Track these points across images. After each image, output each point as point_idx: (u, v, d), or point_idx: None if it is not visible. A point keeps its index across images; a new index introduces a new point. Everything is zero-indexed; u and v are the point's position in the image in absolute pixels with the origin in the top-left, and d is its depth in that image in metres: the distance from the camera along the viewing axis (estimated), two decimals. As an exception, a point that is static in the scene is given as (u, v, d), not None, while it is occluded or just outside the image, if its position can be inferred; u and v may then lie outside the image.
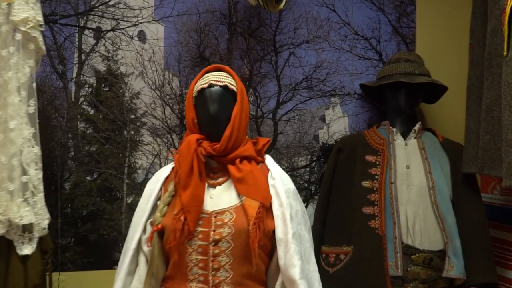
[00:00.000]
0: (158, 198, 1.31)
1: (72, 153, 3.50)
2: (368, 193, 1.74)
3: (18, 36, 1.58)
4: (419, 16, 2.26)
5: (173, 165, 1.31)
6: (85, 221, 2.33)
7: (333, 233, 1.79)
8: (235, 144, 1.27)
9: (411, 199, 1.66)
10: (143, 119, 3.82)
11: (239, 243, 1.19)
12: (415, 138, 1.75)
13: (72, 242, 2.14)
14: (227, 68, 1.34)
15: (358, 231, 1.70)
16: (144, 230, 1.29)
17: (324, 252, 1.77)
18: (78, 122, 5.96)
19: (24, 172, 1.54)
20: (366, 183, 1.74)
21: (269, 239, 1.23)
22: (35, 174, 1.65)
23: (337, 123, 2.58)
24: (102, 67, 4.33)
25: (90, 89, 4.49)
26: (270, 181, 1.29)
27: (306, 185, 2.66)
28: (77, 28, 4.89)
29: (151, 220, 1.28)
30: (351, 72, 2.52)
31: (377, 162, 1.81)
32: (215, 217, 1.23)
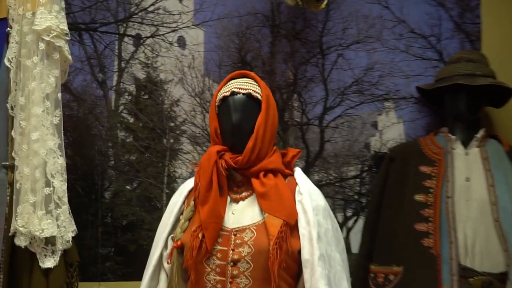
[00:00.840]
0: (181, 212, 1.32)
1: (112, 162, 3.74)
2: (422, 208, 1.69)
3: (42, 45, 1.62)
4: (485, 11, 2.16)
5: None
6: (125, 231, 2.46)
7: (382, 251, 1.75)
8: (259, 156, 1.24)
9: (470, 216, 1.59)
10: (182, 127, 3.99)
11: (259, 265, 1.15)
12: (477, 146, 1.72)
13: (112, 252, 2.26)
14: (252, 74, 1.33)
15: (409, 250, 1.65)
16: (166, 246, 1.30)
17: (372, 271, 1.74)
18: (118, 131, 6.24)
19: (48, 184, 1.60)
20: (419, 197, 1.70)
21: (294, 260, 1.19)
22: (60, 186, 1.72)
23: (391, 130, 2.53)
24: (141, 75, 4.59)
25: (129, 97, 4.75)
26: (297, 197, 1.25)
27: (356, 197, 2.63)
28: (117, 36, 5.20)
29: (172, 235, 1.29)
30: (407, 74, 2.48)
31: (433, 174, 1.75)
32: (235, 235, 1.21)
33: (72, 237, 1.66)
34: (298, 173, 1.33)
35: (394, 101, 2.79)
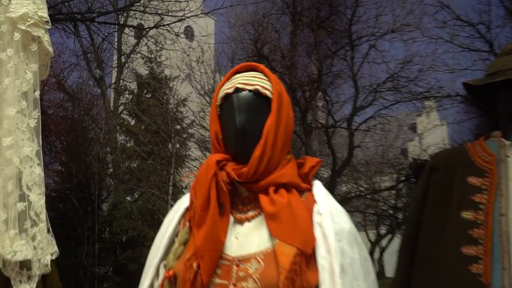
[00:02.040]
0: (176, 233, 1.18)
1: (111, 170, 3.74)
2: (470, 228, 1.59)
3: (17, 35, 1.49)
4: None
5: None
6: (125, 247, 2.42)
7: (422, 278, 1.66)
8: (269, 167, 1.12)
9: (528, 238, 1.48)
10: (190, 130, 3.99)
11: None
12: (537, 154, 1.59)
13: (110, 272, 2.22)
14: (261, 66, 1.19)
15: (455, 278, 1.54)
16: (158, 274, 1.18)
17: (411, 302, 1.68)
18: (118, 134, 6.26)
19: (23, 198, 1.45)
20: (467, 214, 1.60)
21: None
22: (37, 200, 1.53)
23: (433, 134, 2.41)
24: (144, 70, 4.62)
25: (130, 96, 4.75)
26: (316, 218, 1.11)
27: (391, 212, 2.53)
28: (116, 27, 5.18)
29: (165, 262, 1.18)
30: (451, 67, 2.36)
31: (483, 187, 1.64)
32: (237, 265, 1.08)
33: (55, 260, 1.54)
34: (318, 188, 1.18)
35: (436, 99, 2.67)
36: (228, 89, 1.13)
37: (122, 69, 10.73)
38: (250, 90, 1.12)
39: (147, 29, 9.47)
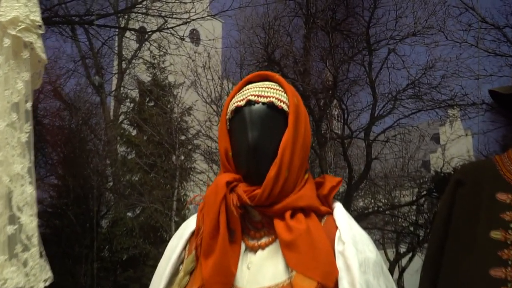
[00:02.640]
0: (181, 261, 1.16)
1: (111, 183, 3.76)
2: (499, 249, 1.57)
3: (7, 41, 1.46)
4: None
5: None
6: (126, 267, 2.44)
7: None
8: (285, 188, 1.09)
9: (561, 259, 1.48)
10: (195, 141, 4.02)
11: None
12: None
13: None
14: (277, 76, 1.17)
15: None
16: None
17: (434, 328, 1.66)
18: (118, 146, 6.28)
19: (13, 220, 1.42)
20: (496, 234, 1.59)
21: None
22: (29, 222, 1.49)
23: (457, 145, 2.43)
24: (146, 77, 4.69)
25: (131, 105, 4.77)
26: (338, 246, 1.09)
27: (411, 228, 2.53)
28: (117, 30, 5.21)
29: None
30: (477, 73, 2.39)
31: None
32: None
33: (49, 285, 1.56)
34: (339, 211, 1.15)
35: (460, 108, 2.70)
36: (239, 101, 1.11)
37: (122, 75, 10.84)
38: (264, 103, 1.10)
39: (149, 33, 9.50)
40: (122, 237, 9.18)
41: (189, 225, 1.16)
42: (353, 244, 1.06)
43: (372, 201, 8.82)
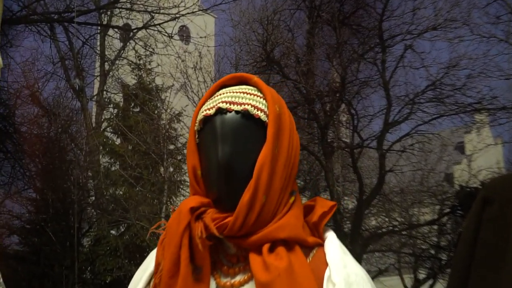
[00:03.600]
0: None
1: (93, 198, 3.59)
2: None
3: None
4: None
5: None
6: None
7: None
8: (263, 216, 1.04)
9: None
10: (185, 151, 3.85)
11: None
12: None
13: None
14: (255, 79, 1.12)
15: None
16: None
17: None
18: (101, 156, 6.03)
19: None
20: None
21: None
22: None
23: (485, 155, 2.27)
24: (131, 79, 4.52)
25: (115, 110, 4.57)
26: None
27: (432, 251, 2.34)
28: (98, 28, 5.04)
29: None
30: (507, 73, 2.22)
31: None
32: None
33: None
34: (331, 243, 1.08)
35: (489, 112, 2.50)
36: (208, 109, 1.05)
37: (105, 78, 10.82)
38: (237, 111, 1.04)
39: (134, 30, 9.57)
40: (106, 257, 9.12)
41: (153, 258, 1.11)
42: (346, 286, 1.00)
43: (387, 219, 8.64)
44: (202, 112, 1.06)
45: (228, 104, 1.04)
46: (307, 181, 8.41)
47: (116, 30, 10.22)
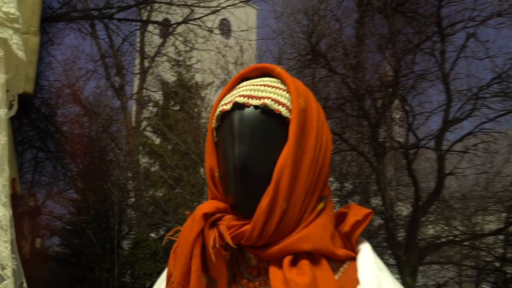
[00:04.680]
0: None
1: (133, 199, 3.38)
2: None
3: None
4: None
5: None
6: None
7: None
8: (284, 224, 0.98)
9: None
10: None
11: None
12: None
13: None
14: (278, 69, 1.06)
15: None
16: None
17: None
18: (140, 156, 5.80)
19: None
20: None
21: None
22: (3, 249, 1.48)
23: None
24: (170, 76, 4.32)
25: (155, 109, 4.35)
26: None
27: (497, 264, 2.10)
28: (138, 24, 4.86)
29: None
30: None
31: None
32: None
33: None
34: (365, 257, 1.02)
35: None
36: (225, 104, 1.05)
37: (145, 75, 10.85)
38: (256, 106, 1.01)
39: (174, 25, 9.69)
40: (145, 261, 9.12)
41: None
42: None
43: (446, 228, 8.11)
44: (219, 107, 1.05)
45: (245, 98, 1.01)
46: (357, 185, 8.14)
47: (155, 25, 10.35)
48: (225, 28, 12.10)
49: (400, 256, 6.19)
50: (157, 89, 11.68)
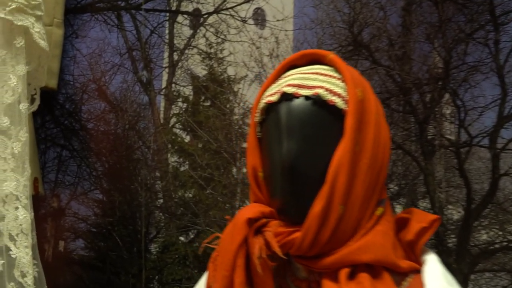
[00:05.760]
0: None
1: (161, 201, 3.38)
2: None
3: None
4: None
5: None
6: None
7: None
8: (340, 232, 0.94)
9: None
10: None
11: None
12: None
13: None
14: (331, 56, 1.00)
15: None
16: None
17: None
18: (169, 155, 5.83)
19: (1, 253, 1.41)
20: None
21: None
22: (24, 255, 1.45)
23: None
24: (201, 70, 4.27)
25: (184, 105, 4.36)
26: None
27: None
28: (167, 15, 4.84)
29: None
30: None
31: None
32: None
33: None
34: (431, 268, 0.98)
35: None
36: (271, 95, 0.99)
37: (174, 69, 11.05)
38: (307, 97, 0.96)
39: (205, 16, 9.83)
40: (174, 266, 9.27)
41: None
42: None
43: (501, 233, 8.06)
44: (264, 98, 1.00)
45: (295, 88, 0.96)
46: (402, 186, 8.11)
47: (185, 16, 10.52)
48: (259, 18, 12.08)
49: (450, 264, 6.02)
50: (187, 83, 11.93)
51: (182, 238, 10.22)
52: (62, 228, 11.43)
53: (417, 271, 0.95)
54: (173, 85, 11.45)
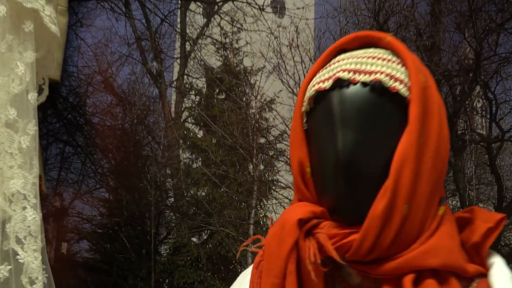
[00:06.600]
0: None
1: (172, 199, 3.49)
2: None
3: (2, 9, 1.43)
4: None
5: None
6: None
7: None
8: (404, 234, 0.91)
9: None
10: (279, 145, 3.63)
11: None
12: None
13: None
14: (388, 38, 0.98)
15: None
16: None
17: None
18: (181, 151, 5.99)
19: (8, 257, 1.41)
20: None
21: None
22: (33, 259, 1.45)
23: None
24: (215, 61, 4.41)
25: (197, 98, 4.50)
26: None
27: None
28: (179, 2, 4.95)
29: None
30: None
31: None
32: None
33: None
34: (499, 272, 0.95)
35: None
36: (322, 81, 0.94)
37: (186, 60, 11.03)
38: (365, 83, 0.91)
39: (219, 3, 9.71)
40: (186, 269, 9.33)
41: (248, 277, 1.04)
42: None
43: None
44: (314, 85, 0.95)
45: (351, 73, 0.91)
46: None
47: (198, 3, 10.38)
48: (278, 5, 11.73)
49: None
50: (200, 75, 11.78)
51: (194, 239, 10.22)
52: (65, 229, 11.40)
53: (482, 275, 0.93)
54: (185, 77, 11.39)
